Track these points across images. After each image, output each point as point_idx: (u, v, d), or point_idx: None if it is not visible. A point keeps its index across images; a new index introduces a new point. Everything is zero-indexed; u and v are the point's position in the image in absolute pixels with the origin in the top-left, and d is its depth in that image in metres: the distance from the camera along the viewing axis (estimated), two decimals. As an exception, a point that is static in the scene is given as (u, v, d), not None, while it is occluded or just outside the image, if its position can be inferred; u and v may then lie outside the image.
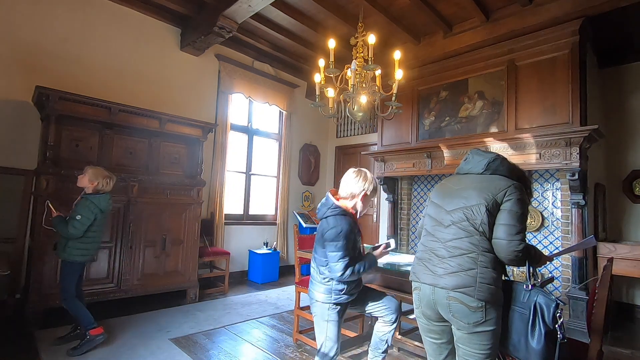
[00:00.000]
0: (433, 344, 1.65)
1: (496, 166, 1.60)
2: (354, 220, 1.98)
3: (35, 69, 3.58)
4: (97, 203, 2.72)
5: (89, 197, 2.73)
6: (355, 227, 1.97)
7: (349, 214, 1.97)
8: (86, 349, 2.61)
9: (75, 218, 2.63)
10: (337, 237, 1.87)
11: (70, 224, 2.62)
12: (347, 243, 1.87)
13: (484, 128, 4.24)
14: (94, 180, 2.75)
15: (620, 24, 3.82)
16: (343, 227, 1.88)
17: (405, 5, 3.99)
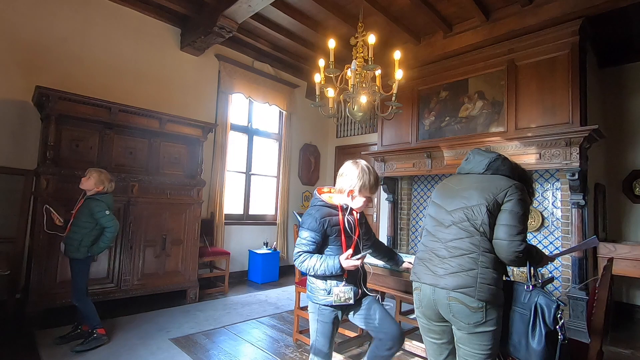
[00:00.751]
0: (433, 344, 1.65)
1: (497, 166, 1.60)
2: (336, 214, 1.80)
3: (35, 69, 3.58)
4: (106, 201, 2.81)
5: (98, 197, 2.79)
6: (333, 221, 1.78)
7: (331, 207, 1.81)
8: (94, 345, 2.68)
9: (105, 214, 2.75)
10: (302, 224, 1.78)
11: (106, 223, 2.74)
12: (311, 233, 1.73)
13: (484, 128, 4.24)
14: (99, 185, 2.83)
15: (620, 24, 3.82)
16: (313, 216, 1.75)
17: (405, 5, 3.99)
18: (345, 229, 1.80)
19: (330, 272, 1.69)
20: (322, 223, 1.74)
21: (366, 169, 1.77)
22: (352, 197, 1.79)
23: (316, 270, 1.70)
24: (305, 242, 1.74)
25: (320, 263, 1.70)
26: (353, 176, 1.77)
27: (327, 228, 1.75)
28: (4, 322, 3.10)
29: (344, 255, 1.69)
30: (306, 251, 1.74)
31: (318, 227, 1.74)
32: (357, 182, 1.76)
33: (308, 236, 1.74)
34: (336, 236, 1.78)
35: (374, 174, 1.79)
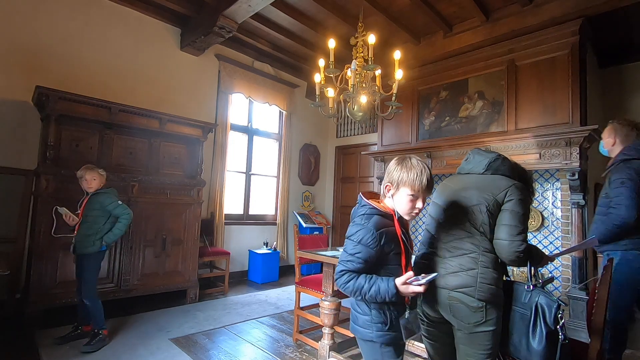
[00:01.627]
0: (434, 344, 1.65)
1: (497, 166, 1.60)
2: (392, 224, 1.40)
3: (35, 69, 3.58)
4: (113, 193, 2.90)
5: (102, 191, 2.86)
6: (391, 234, 1.38)
7: (384, 215, 1.40)
8: (100, 346, 2.69)
9: (119, 204, 2.82)
10: (351, 236, 1.38)
11: (121, 212, 2.81)
12: (365, 249, 1.33)
13: (484, 128, 4.24)
14: (103, 182, 2.91)
15: (620, 24, 3.82)
16: (366, 227, 1.35)
17: (405, 5, 3.99)
18: (404, 243, 1.40)
19: (382, 297, 1.30)
20: (379, 237, 1.33)
21: (408, 159, 1.39)
22: (392, 194, 1.41)
23: (364, 292, 1.32)
24: (355, 260, 1.33)
25: (369, 285, 1.32)
26: (391, 169, 1.41)
27: (384, 244, 1.34)
28: (4, 322, 3.10)
29: (402, 278, 1.30)
30: (353, 270, 1.35)
31: (374, 242, 1.32)
32: (395, 173, 1.39)
33: (359, 253, 1.33)
34: (394, 253, 1.38)
35: (418, 166, 1.36)
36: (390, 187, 1.41)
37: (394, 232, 1.39)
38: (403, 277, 1.30)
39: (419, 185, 1.33)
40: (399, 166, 1.38)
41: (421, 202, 1.36)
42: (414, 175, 1.34)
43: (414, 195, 1.35)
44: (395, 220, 1.41)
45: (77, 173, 2.82)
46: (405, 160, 1.39)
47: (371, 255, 1.34)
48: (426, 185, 1.34)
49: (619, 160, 2.21)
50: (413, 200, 1.35)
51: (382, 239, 1.34)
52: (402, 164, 1.38)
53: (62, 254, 3.18)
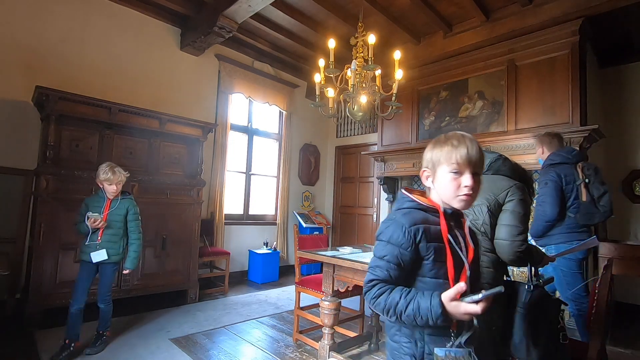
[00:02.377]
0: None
1: (498, 166, 1.60)
2: (436, 220, 1.08)
3: (35, 69, 3.58)
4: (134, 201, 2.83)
5: (128, 197, 2.79)
6: (433, 232, 1.05)
7: (427, 209, 1.10)
8: (104, 347, 2.70)
9: (139, 220, 2.78)
10: (379, 235, 1.10)
11: (138, 228, 2.76)
12: (394, 249, 1.03)
13: (484, 128, 4.24)
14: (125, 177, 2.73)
15: (620, 24, 3.82)
16: (397, 222, 1.06)
17: (405, 5, 3.99)
18: (451, 245, 1.05)
19: (424, 319, 0.95)
20: (414, 233, 1.03)
21: (442, 135, 1.12)
22: (432, 182, 1.10)
23: (399, 312, 0.98)
24: (384, 265, 1.04)
25: (406, 301, 0.98)
26: (425, 151, 1.13)
27: (420, 242, 1.03)
28: (4, 322, 3.10)
29: (451, 292, 0.95)
30: (383, 280, 1.03)
31: (406, 240, 1.03)
32: (428, 154, 1.11)
33: (388, 255, 1.04)
34: (437, 260, 1.03)
35: (454, 137, 1.07)
36: (428, 173, 1.11)
37: (438, 230, 1.05)
38: (452, 290, 0.95)
39: (457, 157, 1.03)
40: (431, 144, 1.12)
41: (468, 178, 1.02)
42: (450, 148, 1.05)
43: (455, 171, 1.03)
44: (442, 215, 1.07)
45: (103, 175, 2.58)
46: (439, 136, 1.12)
47: (405, 259, 1.02)
48: (468, 156, 1.03)
49: (546, 164, 2.59)
50: (455, 178, 1.04)
51: (417, 236, 1.03)
52: (435, 141, 1.12)
53: (62, 254, 3.18)
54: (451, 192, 1.05)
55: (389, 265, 1.04)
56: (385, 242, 1.07)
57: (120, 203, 2.69)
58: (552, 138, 2.69)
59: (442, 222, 1.07)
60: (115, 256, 2.66)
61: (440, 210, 1.09)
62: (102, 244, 2.60)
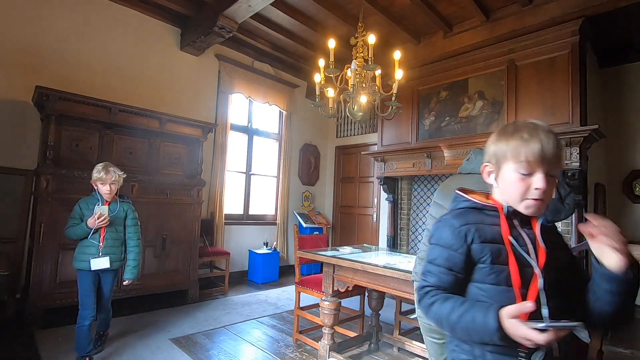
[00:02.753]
0: (434, 344, 1.65)
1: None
2: (493, 221, 0.94)
3: (35, 69, 3.58)
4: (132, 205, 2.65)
5: (127, 200, 2.62)
6: (488, 233, 0.92)
7: (483, 208, 0.97)
8: (105, 346, 2.73)
9: (138, 225, 2.59)
10: (431, 237, 1.00)
11: (138, 233, 2.58)
12: (445, 252, 0.93)
13: (484, 128, 4.24)
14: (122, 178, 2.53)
15: (620, 24, 3.82)
16: (448, 222, 0.96)
17: (405, 5, 3.99)
18: (514, 249, 0.89)
19: (479, 335, 0.82)
20: (465, 233, 0.92)
21: (511, 123, 0.95)
22: (495, 178, 0.96)
23: (452, 324, 0.86)
24: (434, 270, 0.94)
25: (460, 312, 0.84)
26: (488, 143, 0.97)
27: (473, 243, 0.91)
28: (4, 322, 3.09)
29: (512, 309, 0.79)
30: (435, 286, 0.93)
31: (457, 241, 0.92)
32: (492, 146, 0.95)
33: (438, 259, 0.94)
34: (493, 262, 0.89)
35: (526, 128, 0.89)
36: (490, 169, 0.95)
37: (496, 231, 0.91)
38: (514, 307, 0.78)
39: (527, 154, 0.86)
40: (496, 135, 0.95)
41: (540, 180, 0.85)
42: (518, 141, 0.87)
43: (525, 170, 0.86)
44: (502, 216, 0.92)
45: (96, 175, 2.38)
46: (506, 126, 0.95)
47: (457, 262, 0.91)
48: (541, 153, 0.85)
49: None
50: (523, 178, 0.87)
51: (468, 236, 0.91)
52: (501, 131, 0.94)
53: (62, 254, 3.17)
54: (517, 195, 0.89)
55: (440, 270, 0.92)
56: (435, 244, 0.97)
57: (120, 206, 2.50)
58: None
59: (502, 221, 0.92)
60: (117, 262, 2.48)
61: (500, 209, 0.93)
62: (105, 249, 2.39)
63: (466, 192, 1.01)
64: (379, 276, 2.26)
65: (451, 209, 1.01)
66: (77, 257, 2.38)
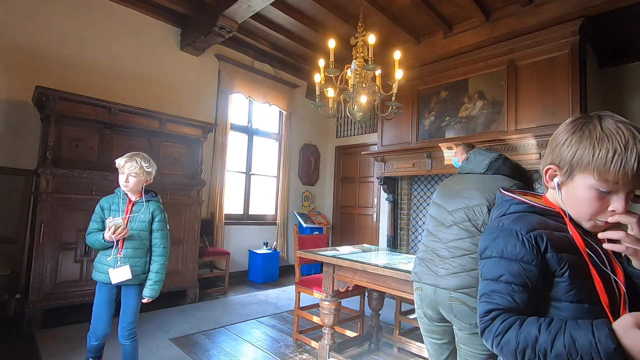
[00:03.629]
0: (434, 344, 1.65)
1: (498, 166, 1.60)
2: (559, 226, 0.80)
3: (35, 69, 3.58)
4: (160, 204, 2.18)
5: (155, 198, 2.17)
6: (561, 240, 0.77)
7: (543, 212, 0.83)
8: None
9: (167, 228, 2.14)
10: (485, 251, 0.82)
11: (166, 240, 2.12)
12: (516, 266, 0.76)
13: (484, 128, 4.24)
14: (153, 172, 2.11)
15: (620, 24, 3.81)
16: (511, 230, 0.79)
17: (405, 5, 3.99)
18: (592, 259, 0.76)
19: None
20: (535, 240, 0.76)
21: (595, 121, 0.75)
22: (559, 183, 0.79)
23: (543, 351, 0.66)
24: (503, 289, 0.76)
25: (552, 334, 0.66)
26: (560, 138, 0.78)
27: (547, 252, 0.75)
28: (4, 322, 3.09)
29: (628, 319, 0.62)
30: (507, 308, 0.74)
31: (528, 250, 0.76)
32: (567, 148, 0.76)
33: (506, 274, 0.76)
34: (572, 275, 0.74)
35: (618, 134, 0.71)
36: (556, 171, 0.78)
37: (566, 238, 0.76)
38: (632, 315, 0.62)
39: (619, 172, 0.69)
40: (576, 134, 0.74)
41: (621, 201, 0.73)
42: (612, 153, 0.69)
43: (606, 188, 0.72)
44: (568, 221, 0.78)
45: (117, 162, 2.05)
46: (589, 122, 0.74)
47: (532, 276, 0.74)
48: (636, 171, 0.69)
49: None
50: (602, 197, 0.73)
51: (541, 244, 0.75)
52: (583, 129, 0.74)
53: (62, 254, 3.18)
54: (587, 214, 0.75)
55: (511, 288, 0.74)
56: (497, 257, 0.77)
57: (145, 207, 2.10)
58: (470, 148, 3.19)
59: (571, 229, 0.76)
60: (142, 275, 2.07)
61: (564, 215, 0.79)
62: (123, 258, 2.00)
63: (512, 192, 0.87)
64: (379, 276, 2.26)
65: (501, 214, 0.85)
66: (95, 267, 2.05)
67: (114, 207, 2.06)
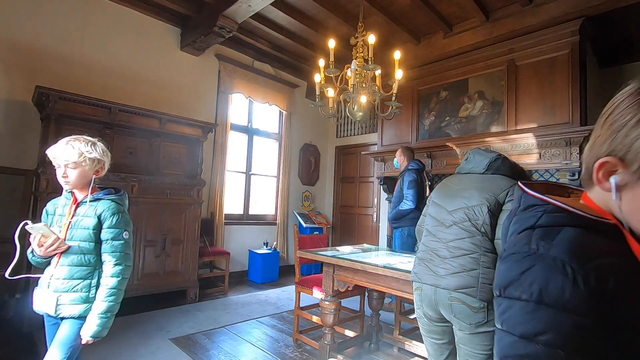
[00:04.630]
0: (434, 344, 1.65)
1: (498, 165, 1.60)
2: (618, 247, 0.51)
3: (35, 69, 3.58)
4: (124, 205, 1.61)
5: (108, 196, 1.57)
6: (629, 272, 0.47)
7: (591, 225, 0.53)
8: None
9: (124, 237, 1.53)
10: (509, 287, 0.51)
11: (117, 258, 1.50)
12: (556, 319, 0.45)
13: (484, 128, 4.24)
14: (97, 166, 1.58)
15: (620, 24, 3.81)
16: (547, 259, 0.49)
17: (405, 5, 3.99)
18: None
19: None
20: (596, 279, 0.45)
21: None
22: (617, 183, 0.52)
23: None
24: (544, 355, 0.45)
25: None
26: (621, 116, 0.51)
27: (616, 297, 0.44)
28: (4, 322, 3.10)
29: None
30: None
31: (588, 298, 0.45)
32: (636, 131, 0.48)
33: (550, 332, 0.45)
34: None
35: None
36: (616, 166, 0.52)
37: (625, 266, 0.49)
38: None
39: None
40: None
41: None
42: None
43: None
44: (630, 238, 0.52)
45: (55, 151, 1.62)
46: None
47: (592, 339, 0.45)
48: None
49: (407, 169, 3.49)
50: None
51: (608, 283, 0.46)
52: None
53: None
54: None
55: (558, 355, 0.45)
56: (533, 302, 0.48)
57: (91, 208, 1.51)
58: (410, 151, 3.66)
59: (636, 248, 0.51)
60: (82, 304, 1.46)
61: (622, 228, 0.53)
62: (55, 280, 1.47)
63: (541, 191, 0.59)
64: (379, 276, 2.26)
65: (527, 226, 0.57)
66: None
67: (60, 210, 1.56)
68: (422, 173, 3.55)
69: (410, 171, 3.46)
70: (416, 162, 3.57)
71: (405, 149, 3.68)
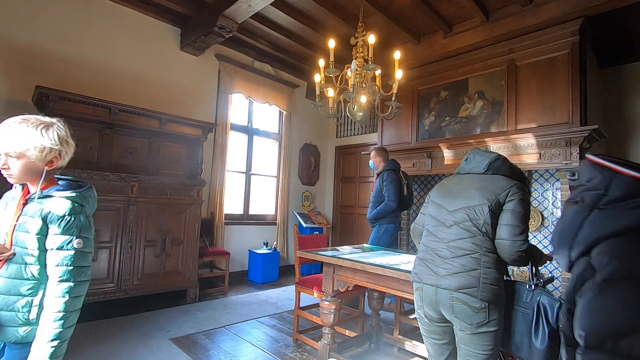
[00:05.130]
0: (435, 344, 1.65)
1: (498, 166, 1.60)
2: None
3: (35, 69, 3.58)
4: (80, 203, 1.26)
5: (60, 192, 1.25)
6: None
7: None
8: None
9: (74, 246, 1.18)
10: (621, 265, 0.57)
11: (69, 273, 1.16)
12: None
13: (484, 128, 4.24)
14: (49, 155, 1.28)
15: (620, 24, 3.82)
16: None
17: (405, 5, 3.99)
18: None
19: None
20: None
21: None
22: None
23: None
24: None
25: None
26: None
27: None
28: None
29: None
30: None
31: None
32: None
33: None
34: None
35: None
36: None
37: None
38: None
39: None
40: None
41: None
42: None
43: None
44: None
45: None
46: None
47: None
48: None
49: (386, 169, 3.61)
50: None
51: None
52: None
53: None
54: None
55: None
56: None
57: (38, 207, 1.21)
58: (385, 152, 3.79)
59: None
60: (22, 327, 1.16)
61: None
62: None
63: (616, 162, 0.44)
64: (379, 276, 2.26)
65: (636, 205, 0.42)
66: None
67: (10, 207, 1.29)
68: (399, 173, 3.67)
69: (389, 171, 3.58)
70: (393, 162, 3.70)
71: (379, 150, 3.81)
